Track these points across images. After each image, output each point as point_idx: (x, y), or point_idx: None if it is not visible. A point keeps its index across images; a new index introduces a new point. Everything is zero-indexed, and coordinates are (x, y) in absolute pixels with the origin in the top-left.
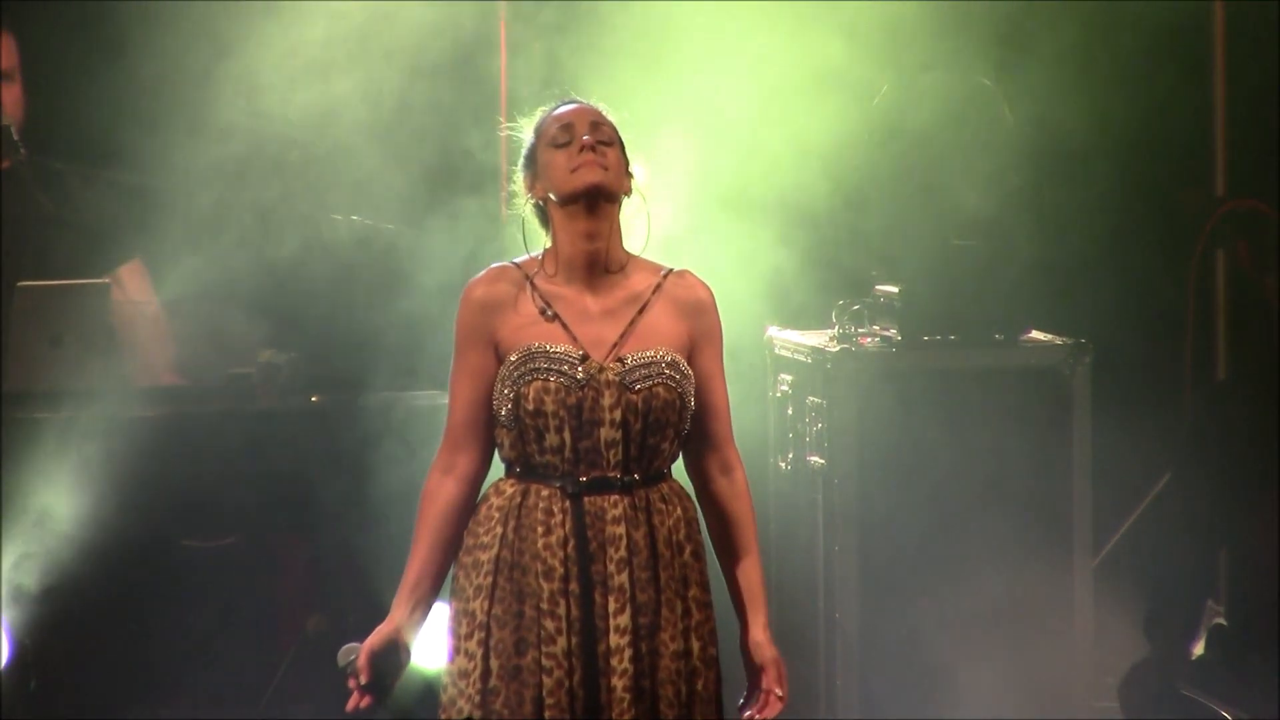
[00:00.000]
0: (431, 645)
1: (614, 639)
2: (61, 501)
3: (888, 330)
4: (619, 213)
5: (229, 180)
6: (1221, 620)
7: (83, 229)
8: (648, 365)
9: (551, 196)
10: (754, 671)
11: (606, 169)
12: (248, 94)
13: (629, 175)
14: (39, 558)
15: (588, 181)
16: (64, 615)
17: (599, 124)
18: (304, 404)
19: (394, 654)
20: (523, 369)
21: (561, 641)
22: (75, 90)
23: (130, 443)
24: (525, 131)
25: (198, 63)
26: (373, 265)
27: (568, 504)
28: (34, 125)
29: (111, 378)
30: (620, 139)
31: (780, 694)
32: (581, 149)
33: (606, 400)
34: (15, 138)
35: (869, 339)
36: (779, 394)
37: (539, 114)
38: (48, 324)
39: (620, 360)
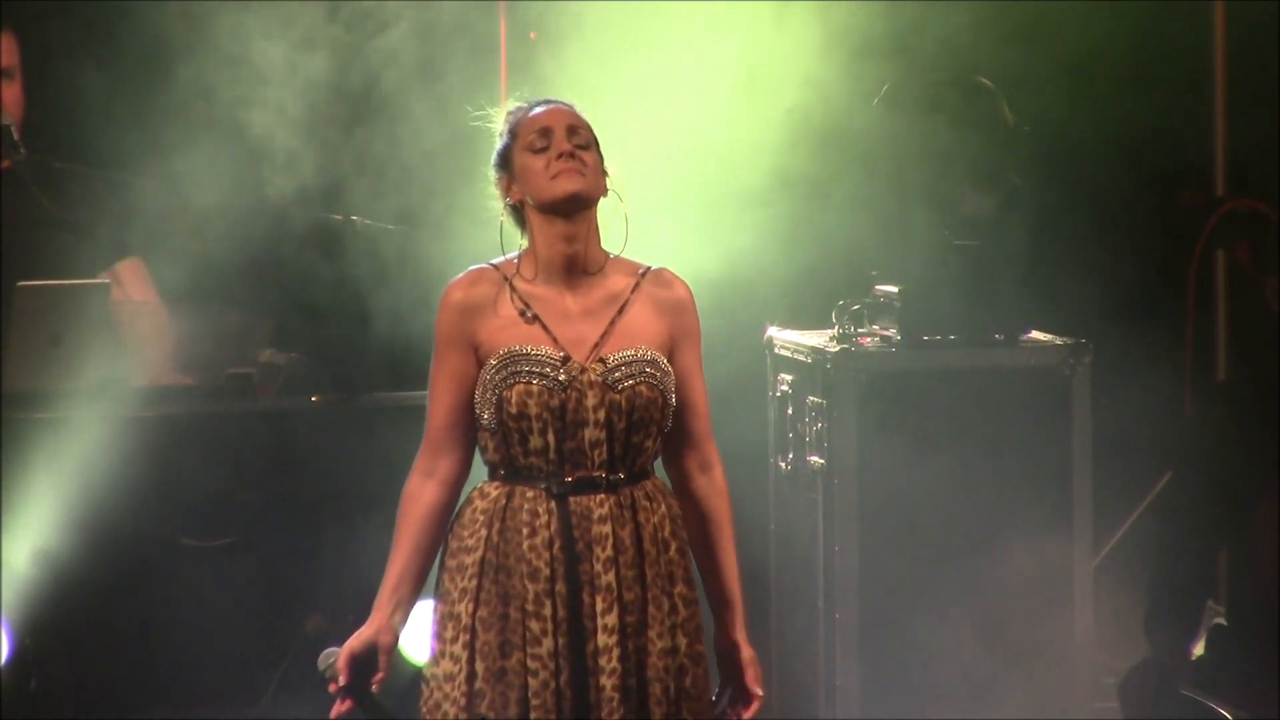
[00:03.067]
0: (416, 644)
1: (602, 638)
2: (61, 501)
3: (888, 330)
4: (596, 214)
5: (229, 180)
6: (1221, 620)
7: (83, 229)
8: (629, 364)
9: (530, 201)
10: (730, 671)
11: (585, 175)
12: (248, 93)
13: (605, 174)
14: (39, 557)
15: (568, 190)
16: (64, 615)
17: (576, 128)
18: (304, 404)
19: (374, 657)
20: (504, 372)
21: (547, 643)
22: (75, 90)
23: (130, 443)
24: (496, 122)
25: (198, 62)
26: (373, 265)
27: (553, 505)
28: (34, 125)
29: (111, 378)
30: (595, 139)
31: (758, 693)
32: (560, 155)
33: (590, 400)
34: (15, 138)
35: (869, 339)
36: (779, 394)
37: (509, 111)
38: (48, 324)
39: (602, 360)
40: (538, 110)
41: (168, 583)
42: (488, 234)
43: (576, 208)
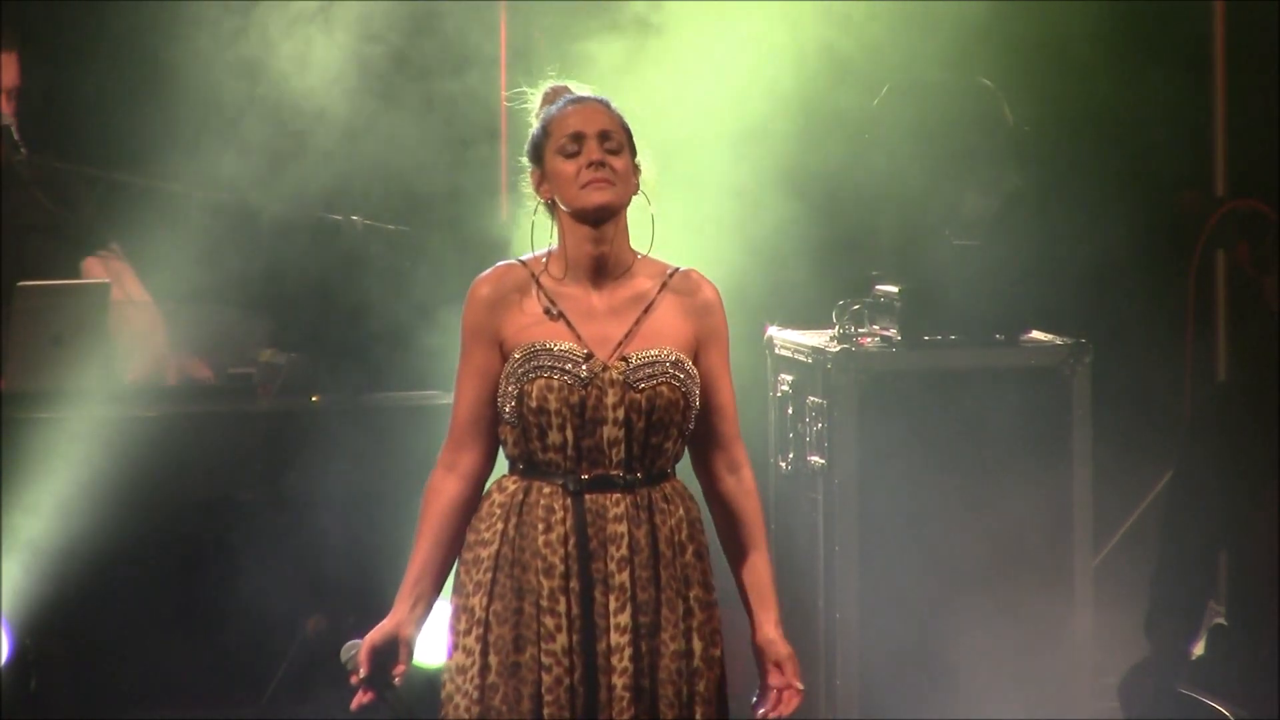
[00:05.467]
0: (434, 642)
1: (614, 637)
2: (61, 501)
3: (888, 330)
4: (625, 216)
5: (229, 180)
6: (1221, 620)
7: (83, 229)
8: (652, 364)
9: (559, 204)
10: (769, 669)
11: (615, 184)
12: (248, 94)
13: (636, 170)
14: (39, 557)
15: (597, 203)
16: (64, 615)
17: (608, 132)
18: (304, 404)
19: (395, 649)
20: (526, 366)
21: (561, 639)
22: (75, 90)
23: (130, 443)
24: (532, 100)
25: (198, 61)
26: (373, 265)
27: (569, 501)
28: (34, 125)
29: (112, 378)
30: (628, 137)
31: (799, 688)
32: (591, 163)
33: (610, 399)
34: (15, 137)
35: (869, 339)
36: (779, 394)
37: (545, 95)
38: (48, 324)
39: (624, 359)
40: (570, 109)
41: (167, 582)
42: (487, 235)
43: (604, 217)
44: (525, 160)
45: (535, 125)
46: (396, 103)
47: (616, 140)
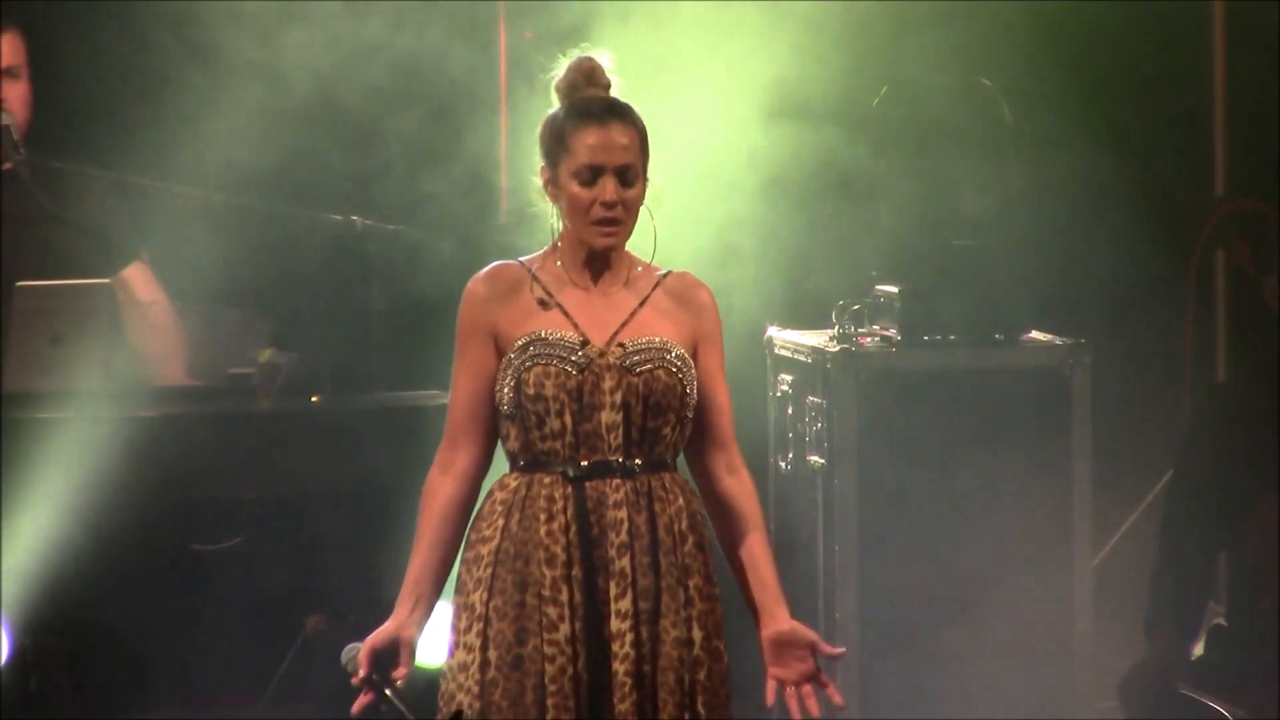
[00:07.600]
0: (436, 643)
1: (615, 623)
2: (61, 501)
3: (888, 330)
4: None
5: (230, 180)
6: (1221, 620)
7: (84, 229)
8: (648, 350)
9: (565, 221)
10: (798, 653)
11: (624, 223)
12: (248, 94)
13: (645, 184)
14: (39, 557)
15: (603, 246)
16: (64, 615)
17: (627, 166)
18: (304, 404)
19: (396, 651)
20: (523, 356)
21: (564, 628)
22: (75, 89)
23: (130, 443)
24: (557, 70)
25: (199, 61)
26: (373, 265)
27: (569, 489)
28: (34, 125)
29: (113, 378)
30: (644, 156)
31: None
32: (605, 201)
33: (607, 384)
34: (15, 138)
35: (869, 339)
36: (779, 394)
37: (568, 74)
38: (48, 324)
39: (621, 345)
40: (594, 130)
41: (167, 582)
42: (487, 235)
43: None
44: (538, 150)
45: (556, 110)
46: (396, 102)
47: (634, 171)
